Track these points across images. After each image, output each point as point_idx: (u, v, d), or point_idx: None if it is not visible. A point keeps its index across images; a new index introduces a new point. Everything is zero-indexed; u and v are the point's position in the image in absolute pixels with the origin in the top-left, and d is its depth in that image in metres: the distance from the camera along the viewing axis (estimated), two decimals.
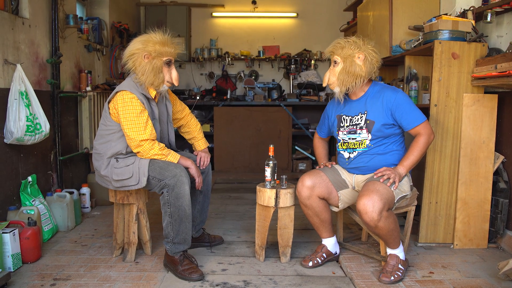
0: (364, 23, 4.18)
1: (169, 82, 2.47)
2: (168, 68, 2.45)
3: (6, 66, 2.79)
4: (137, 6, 6.12)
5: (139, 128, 2.33)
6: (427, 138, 2.34)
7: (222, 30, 6.37)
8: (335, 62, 2.44)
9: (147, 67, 2.38)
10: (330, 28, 6.21)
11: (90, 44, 4.16)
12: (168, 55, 2.42)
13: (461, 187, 2.76)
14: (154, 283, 2.30)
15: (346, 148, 2.53)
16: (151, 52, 2.37)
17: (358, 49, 2.39)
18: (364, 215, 2.16)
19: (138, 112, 2.35)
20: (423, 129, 2.34)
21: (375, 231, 2.25)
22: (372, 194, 2.16)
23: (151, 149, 2.37)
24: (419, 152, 2.33)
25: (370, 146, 2.44)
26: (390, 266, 2.32)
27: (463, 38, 2.74)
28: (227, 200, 4.21)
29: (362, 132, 2.45)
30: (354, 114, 2.49)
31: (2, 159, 2.76)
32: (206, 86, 6.29)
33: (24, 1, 3.07)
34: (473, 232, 2.79)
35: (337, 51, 2.43)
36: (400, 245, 2.37)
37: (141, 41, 2.39)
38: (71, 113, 3.75)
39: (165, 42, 2.40)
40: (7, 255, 2.39)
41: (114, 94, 2.41)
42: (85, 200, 3.61)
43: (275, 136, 5.59)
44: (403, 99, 2.37)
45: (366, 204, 2.15)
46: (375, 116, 2.41)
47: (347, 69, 2.40)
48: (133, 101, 2.35)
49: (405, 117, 2.36)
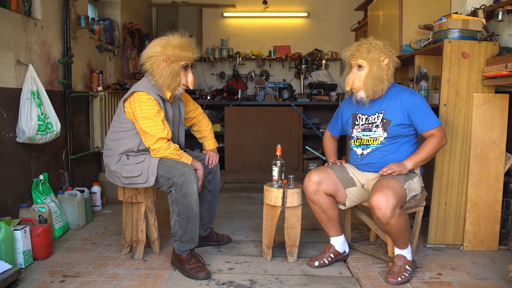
0: (374, 22, 4.15)
1: (184, 85, 2.50)
2: (185, 72, 2.48)
3: (18, 67, 2.85)
4: (148, 6, 6.17)
5: (158, 126, 2.36)
6: (440, 141, 2.37)
7: (233, 30, 6.39)
8: (359, 66, 2.40)
9: (165, 71, 2.40)
10: (341, 28, 6.19)
11: (102, 45, 4.22)
12: (186, 60, 2.44)
13: (471, 188, 2.73)
14: (161, 281, 2.32)
15: (359, 144, 2.52)
16: (170, 57, 2.39)
17: (382, 52, 2.38)
18: (377, 210, 2.15)
19: (155, 111, 2.37)
20: (437, 132, 2.37)
21: (386, 228, 2.23)
22: (386, 190, 2.16)
23: (167, 148, 2.38)
24: (430, 151, 2.36)
25: (384, 143, 2.44)
26: (397, 266, 2.30)
27: (474, 37, 2.70)
28: (237, 200, 4.22)
29: (377, 130, 2.46)
30: (371, 113, 2.50)
31: (14, 158, 2.82)
32: (217, 86, 6.32)
33: (36, 3, 3.12)
34: (483, 234, 2.75)
35: (362, 55, 2.38)
36: (408, 246, 2.35)
37: (161, 44, 2.41)
38: (82, 112, 3.80)
39: (184, 47, 2.42)
40: (18, 252, 2.44)
41: (130, 94, 2.44)
42: (96, 199, 3.66)
43: (286, 136, 5.58)
44: (421, 102, 2.39)
45: (380, 199, 2.15)
46: (392, 116, 2.42)
47: (374, 73, 2.37)
48: (150, 102, 2.37)
49: (421, 119, 2.38)
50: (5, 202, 2.74)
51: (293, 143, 5.60)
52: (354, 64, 2.42)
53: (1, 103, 2.70)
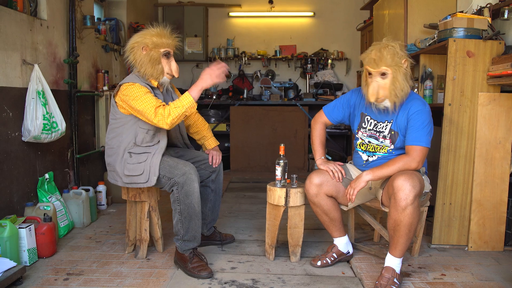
0: (380, 21, 4.13)
1: (169, 73, 2.51)
2: (167, 60, 2.49)
3: (24, 66, 2.87)
4: (155, 6, 6.20)
5: (149, 101, 2.32)
6: (409, 162, 2.21)
7: (239, 30, 6.40)
8: (383, 74, 2.22)
9: (144, 59, 2.44)
10: (347, 27, 6.17)
11: (108, 45, 4.24)
12: (165, 47, 2.46)
13: (476, 188, 2.70)
14: (164, 279, 2.33)
15: (365, 150, 2.48)
16: (148, 44, 2.43)
17: (402, 56, 2.24)
18: (401, 192, 2.07)
19: (144, 92, 2.36)
20: (416, 152, 2.22)
21: (398, 218, 2.11)
22: (413, 176, 2.12)
23: (169, 114, 2.29)
24: (394, 169, 2.22)
25: (392, 153, 2.39)
26: (384, 279, 2.18)
27: (479, 35, 2.68)
28: (242, 199, 4.23)
29: (384, 141, 2.39)
30: (380, 120, 2.39)
31: (20, 157, 2.85)
32: (222, 86, 6.32)
33: (42, 3, 3.15)
34: (488, 235, 2.73)
35: (386, 61, 2.19)
36: (402, 258, 2.23)
37: (140, 35, 2.47)
38: (88, 112, 3.83)
39: (162, 34, 2.46)
40: (23, 250, 2.46)
41: (118, 88, 2.47)
42: (101, 198, 3.68)
43: (292, 136, 5.58)
44: (423, 116, 2.25)
45: (406, 181, 2.07)
46: (399, 128, 2.33)
47: (399, 80, 2.21)
48: (136, 86, 2.38)
49: (412, 131, 2.25)
50: (10, 201, 2.76)
51: (299, 142, 5.59)
52: (376, 72, 2.23)
53: (7, 102, 2.73)
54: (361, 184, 2.26)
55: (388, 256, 2.25)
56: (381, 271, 2.24)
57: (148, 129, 2.45)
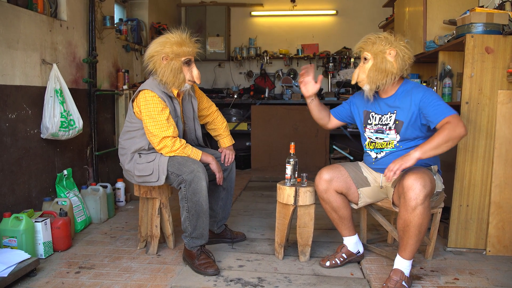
0: (400, 19, 4.04)
1: (190, 81, 2.52)
2: (188, 67, 2.49)
3: (43, 66, 2.97)
4: (178, 7, 6.28)
5: (161, 125, 2.39)
6: (453, 127, 2.06)
7: (261, 29, 6.40)
8: (365, 59, 2.34)
9: (165, 69, 2.42)
10: (370, 25, 6.02)
11: (128, 44, 4.33)
12: (186, 55, 2.45)
13: (495, 189, 2.60)
14: (171, 275, 2.36)
15: (373, 148, 2.45)
16: (169, 54, 2.41)
17: (389, 45, 2.28)
18: (411, 191, 2.03)
19: (159, 110, 2.40)
20: (453, 119, 2.09)
21: (408, 218, 2.06)
22: (424, 175, 2.07)
23: (173, 145, 2.42)
24: (441, 138, 2.06)
25: (399, 147, 2.35)
26: (392, 281, 2.12)
27: (499, 31, 2.57)
28: (259, 198, 4.22)
29: (390, 132, 2.37)
30: (383, 113, 2.41)
31: (38, 153, 2.94)
32: (244, 85, 6.35)
33: (62, 5, 3.25)
34: (508, 238, 2.61)
35: (367, 47, 2.32)
36: (411, 260, 2.18)
37: (159, 43, 2.44)
38: (108, 110, 3.91)
39: (182, 42, 2.43)
40: (39, 243, 2.54)
41: (137, 93, 2.50)
42: (119, 194, 3.76)
43: (313, 135, 5.53)
44: (431, 95, 2.24)
45: (416, 180, 2.04)
46: (404, 116, 2.31)
47: (377, 65, 2.29)
48: (154, 99, 2.41)
49: (433, 111, 2.17)
50: (29, 195, 2.86)
51: (320, 142, 5.54)
52: (361, 57, 2.36)
53: (27, 100, 2.83)
54: (409, 162, 2.07)
55: (397, 258, 2.19)
56: (390, 273, 2.18)
57: None
